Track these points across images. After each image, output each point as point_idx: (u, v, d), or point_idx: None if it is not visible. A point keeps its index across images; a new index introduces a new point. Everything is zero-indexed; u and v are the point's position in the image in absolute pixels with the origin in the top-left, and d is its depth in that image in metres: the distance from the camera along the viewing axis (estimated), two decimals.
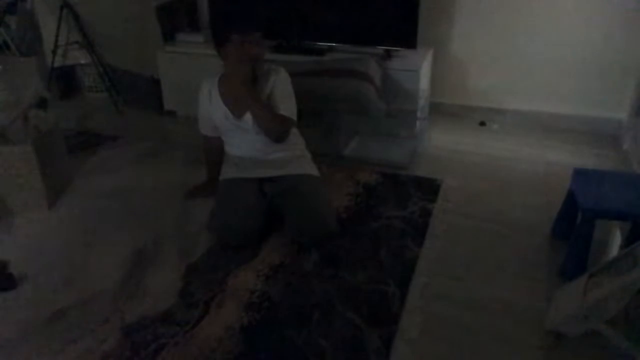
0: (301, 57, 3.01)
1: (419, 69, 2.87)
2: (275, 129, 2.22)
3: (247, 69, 2.18)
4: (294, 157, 2.34)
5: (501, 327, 1.77)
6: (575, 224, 2.03)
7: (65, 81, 3.83)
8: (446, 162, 2.87)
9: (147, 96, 3.57)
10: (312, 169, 2.37)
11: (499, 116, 3.32)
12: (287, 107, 2.25)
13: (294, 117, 2.27)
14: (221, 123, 2.29)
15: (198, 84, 2.35)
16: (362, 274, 2.01)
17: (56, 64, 3.55)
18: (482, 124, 3.33)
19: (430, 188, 2.59)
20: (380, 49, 2.99)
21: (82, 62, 3.67)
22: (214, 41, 2.21)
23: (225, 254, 2.14)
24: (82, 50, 3.56)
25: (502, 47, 3.15)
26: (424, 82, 3.05)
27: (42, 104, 2.58)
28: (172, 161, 2.92)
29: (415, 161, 2.88)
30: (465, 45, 3.23)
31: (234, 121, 2.25)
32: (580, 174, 2.10)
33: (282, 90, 2.25)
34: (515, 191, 2.58)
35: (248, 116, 2.21)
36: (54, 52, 3.50)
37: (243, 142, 2.29)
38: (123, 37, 3.48)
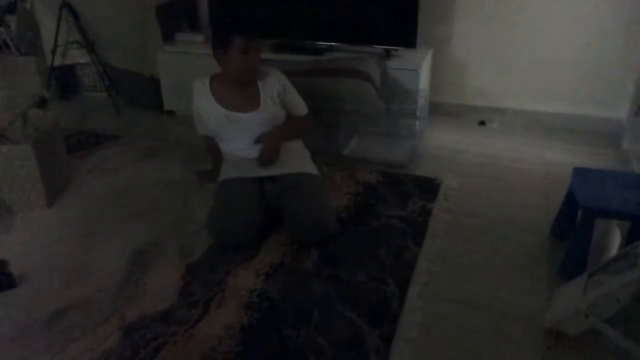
0: (301, 56, 3.01)
1: (418, 69, 2.87)
2: (308, 133, 2.42)
3: (247, 76, 2.19)
4: (294, 157, 2.33)
5: (501, 326, 1.77)
6: (574, 224, 2.03)
7: (64, 81, 3.83)
8: (446, 162, 2.87)
9: (147, 96, 3.57)
10: (311, 168, 2.36)
11: (498, 116, 3.32)
12: (302, 107, 2.36)
13: (307, 109, 2.38)
14: (217, 123, 2.25)
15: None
16: (362, 274, 2.01)
17: (56, 64, 3.56)
18: (482, 123, 3.33)
19: (430, 187, 2.59)
20: (380, 48, 3.00)
21: (82, 61, 3.68)
22: (216, 43, 2.16)
23: (225, 254, 2.14)
24: (82, 49, 3.56)
25: (502, 46, 3.16)
26: (424, 82, 3.05)
27: (41, 103, 2.57)
28: (172, 161, 2.92)
29: (415, 161, 2.88)
30: (465, 45, 3.23)
31: (232, 118, 2.22)
32: (579, 174, 2.11)
33: (289, 93, 2.31)
34: (515, 191, 2.58)
35: (248, 114, 2.21)
36: (53, 52, 3.50)
37: (241, 139, 2.25)
38: (123, 36, 3.48)
